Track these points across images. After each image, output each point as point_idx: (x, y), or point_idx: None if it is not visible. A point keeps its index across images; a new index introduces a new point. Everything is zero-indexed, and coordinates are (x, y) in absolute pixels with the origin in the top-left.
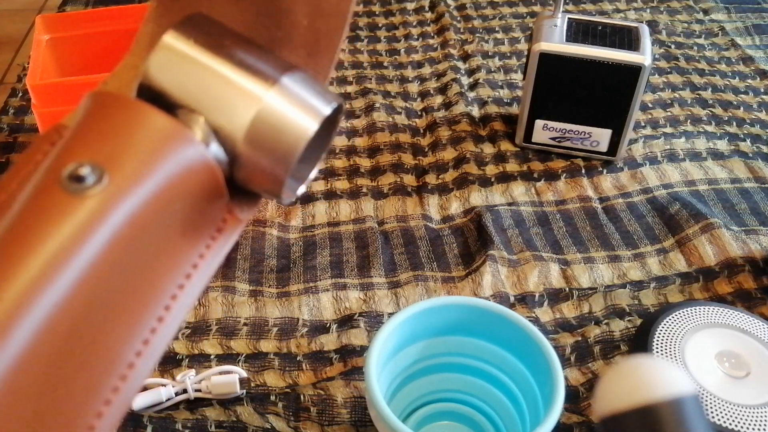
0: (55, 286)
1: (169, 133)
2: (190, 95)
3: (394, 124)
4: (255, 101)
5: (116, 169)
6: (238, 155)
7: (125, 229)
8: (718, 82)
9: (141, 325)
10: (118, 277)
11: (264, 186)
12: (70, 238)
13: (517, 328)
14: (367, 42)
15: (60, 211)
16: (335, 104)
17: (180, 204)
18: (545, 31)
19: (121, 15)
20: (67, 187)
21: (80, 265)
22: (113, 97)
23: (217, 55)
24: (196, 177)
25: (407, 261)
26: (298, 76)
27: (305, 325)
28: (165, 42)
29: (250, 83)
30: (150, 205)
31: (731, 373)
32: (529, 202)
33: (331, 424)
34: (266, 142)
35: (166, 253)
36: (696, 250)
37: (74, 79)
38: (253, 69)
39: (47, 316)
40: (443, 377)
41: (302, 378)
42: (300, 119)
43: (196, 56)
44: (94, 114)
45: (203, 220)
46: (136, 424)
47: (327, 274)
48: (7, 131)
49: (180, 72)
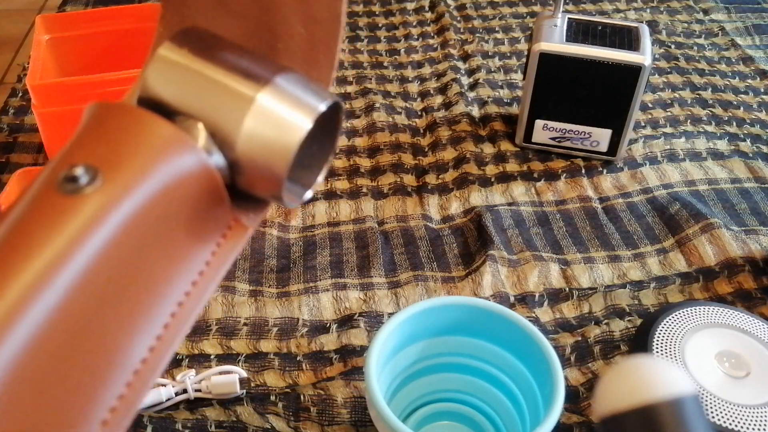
0: (54, 283)
1: (168, 138)
2: (186, 102)
3: (394, 124)
4: (247, 101)
5: (111, 169)
6: (236, 158)
7: (125, 231)
8: (718, 82)
9: (146, 329)
10: (120, 279)
11: (264, 188)
12: (66, 238)
13: (517, 328)
14: (367, 42)
15: (55, 211)
16: (330, 101)
17: (181, 209)
18: (545, 31)
19: (121, 15)
20: (62, 188)
21: (79, 265)
22: (112, 105)
23: (210, 62)
24: (196, 182)
25: (407, 261)
26: (291, 76)
27: (305, 325)
28: (160, 53)
29: (243, 85)
30: (149, 208)
31: (731, 373)
32: (529, 202)
33: (331, 424)
34: (262, 141)
35: (170, 258)
36: (696, 250)
37: (74, 79)
38: (245, 72)
39: (49, 314)
40: (443, 377)
41: (302, 378)
42: (294, 117)
43: (189, 64)
44: (93, 121)
45: (207, 226)
46: (136, 424)
47: (327, 274)
48: (7, 131)
49: (175, 80)
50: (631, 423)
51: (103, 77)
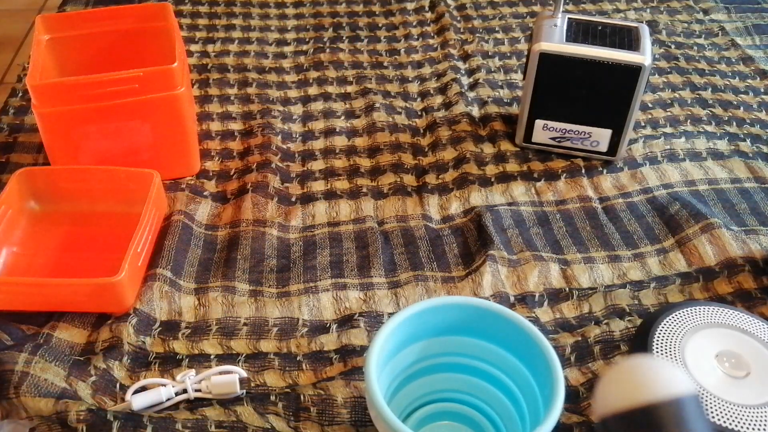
0: None
1: None
2: None
3: (394, 124)
4: None
5: None
6: None
7: None
8: (718, 82)
9: None
10: None
11: None
12: None
13: (517, 328)
14: (367, 42)
15: None
16: None
17: None
18: (545, 31)
19: (121, 15)
20: None
21: None
22: None
23: None
24: None
25: (407, 261)
26: None
27: (305, 325)
28: None
29: None
30: None
31: (731, 373)
32: (529, 202)
33: (331, 424)
34: None
35: None
36: (696, 250)
37: (74, 79)
38: None
39: None
40: (443, 377)
41: (302, 378)
42: None
43: None
44: None
45: None
46: (137, 424)
47: (327, 274)
48: (7, 131)
49: None
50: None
51: (103, 77)
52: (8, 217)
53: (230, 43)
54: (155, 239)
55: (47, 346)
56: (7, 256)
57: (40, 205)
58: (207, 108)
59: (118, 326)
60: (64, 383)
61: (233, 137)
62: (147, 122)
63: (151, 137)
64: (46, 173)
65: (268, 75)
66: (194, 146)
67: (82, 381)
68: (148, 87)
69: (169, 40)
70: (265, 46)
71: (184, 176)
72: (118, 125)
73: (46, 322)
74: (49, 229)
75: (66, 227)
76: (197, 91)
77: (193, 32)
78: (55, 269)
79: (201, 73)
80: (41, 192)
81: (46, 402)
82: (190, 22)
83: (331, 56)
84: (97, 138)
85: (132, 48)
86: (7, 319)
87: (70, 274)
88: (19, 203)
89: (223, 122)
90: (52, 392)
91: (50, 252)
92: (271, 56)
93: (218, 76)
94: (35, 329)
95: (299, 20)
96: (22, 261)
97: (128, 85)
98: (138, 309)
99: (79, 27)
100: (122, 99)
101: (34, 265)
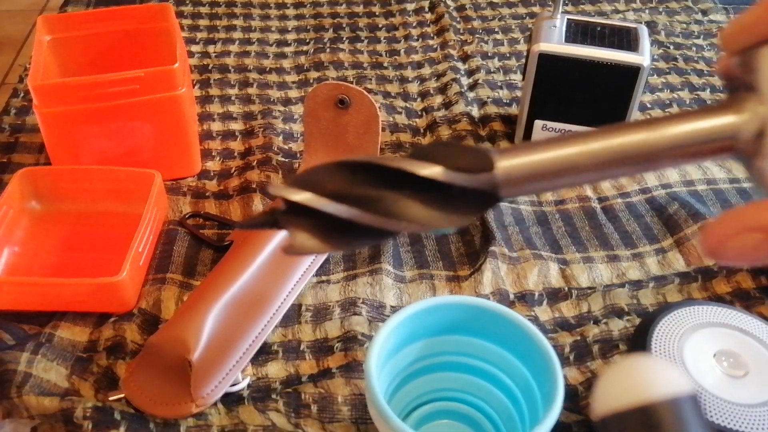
0: None
1: None
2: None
3: (395, 123)
4: None
5: None
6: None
7: None
8: (717, 82)
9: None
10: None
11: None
12: None
13: (517, 327)
14: (367, 42)
15: None
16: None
17: None
18: (544, 32)
19: (122, 16)
20: None
21: None
22: None
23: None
24: None
25: (413, 259)
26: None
27: (308, 309)
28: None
29: None
30: None
31: (730, 373)
32: (528, 202)
33: (332, 422)
34: None
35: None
36: (695, 250)
37: (76, 79)
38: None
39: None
40: (443, 376)
41: (303, 367)
42: None
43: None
44: None
45: None
46: (139, 424)
47: (340, 267)
48: (9, 131)
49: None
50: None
51: (105, 78)
52: (9, 217)
53: (231, 43)
54: (156, 239)
55: (49, 345)
56: (9, 255)
57: (41, 205)
58: (208, 108)
59: (121, 325)
60: (66, 383)
61: (234, 137)
62: (148, 122)
63: (152, 137)
64: (47, 173)
65: (268, 75)
66: (195, 146)
67: (84, 380)
68: (149, 87)
69: (170, 40)
70: (265, 46)
71: (185, 176)
72: (119, 125)
73: (47, 322)
74: (51, 229)
75: (67, 227)
76: (198, 92)
77: (193, 33)
78: (57, 269)
79: (202, 73)
80: (42, 192)
81: (51, 400)
82: (191, 22)
83: (332, 56)
84: (99, 138)
85: (133, 48)
86: (8, 318)
87: (71, 273)
88: (20, 203)
89: (224, 122)
90: (55, 391)
91: (52, 252)
92: (272, 56)
93: (219, 77)
94: (37, 329)
95: (300, 21)
96: (23, 261)
97: (129, 85)
98: (143, 308)
99: (81, 27)
100: (123, 99)
101: (36, 265)
